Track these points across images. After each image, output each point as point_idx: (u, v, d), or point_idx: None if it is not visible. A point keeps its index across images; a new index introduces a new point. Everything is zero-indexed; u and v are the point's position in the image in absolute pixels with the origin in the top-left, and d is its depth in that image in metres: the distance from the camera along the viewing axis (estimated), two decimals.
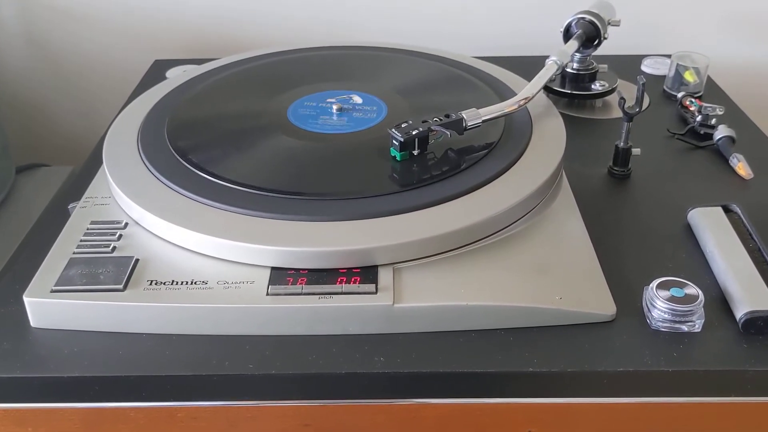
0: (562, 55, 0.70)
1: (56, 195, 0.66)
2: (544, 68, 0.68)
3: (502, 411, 0.50)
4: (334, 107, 0.67)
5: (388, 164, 0.59)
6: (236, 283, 0.51)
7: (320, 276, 0.51)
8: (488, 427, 0.51)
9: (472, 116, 0.59)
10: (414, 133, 0.57)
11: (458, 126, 0.59)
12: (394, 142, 0.58)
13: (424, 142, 0.58)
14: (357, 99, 0.69)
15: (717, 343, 0.49)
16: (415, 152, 0.58)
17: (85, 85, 1.08)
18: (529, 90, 0.64)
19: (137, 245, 0.54)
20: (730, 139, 0.71)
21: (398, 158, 0.58)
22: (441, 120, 0.59)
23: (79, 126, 1.11)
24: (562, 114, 0.70)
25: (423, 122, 0.58)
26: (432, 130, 0.58)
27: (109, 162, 0.61)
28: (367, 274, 0.51)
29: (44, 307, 0.50)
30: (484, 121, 0.60)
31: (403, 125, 0.58)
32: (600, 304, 0.52)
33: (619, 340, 0.50)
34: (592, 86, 0.81)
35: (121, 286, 0.50)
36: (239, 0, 1.02)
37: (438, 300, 0.50)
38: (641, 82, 0.63)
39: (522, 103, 0.63)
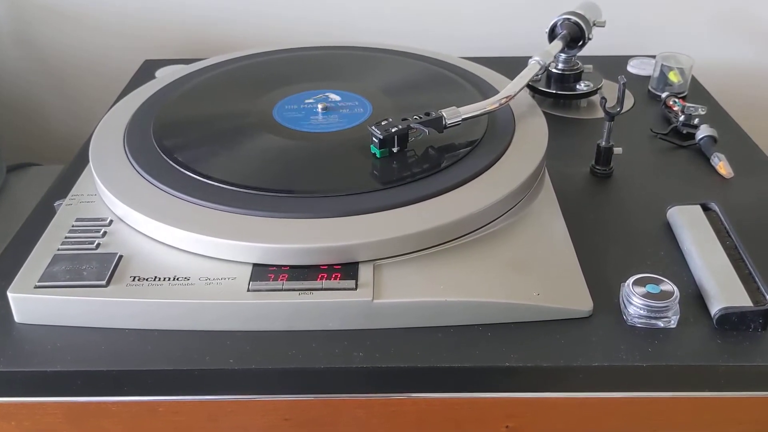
0: (545, 55, 0.71)
1: (45, 193, 0.67)
2: (526, 68, 0.69)
3: (480, 405, 0.51)
4: (319, 106, 0.67)
5: (370, 162, 0.59)
6: (218, 279, 0.52)
7: (301, 272, 0.52)
8: (466, 421, 0.52)
9: (451, 114, 0.60)
10: (393, 130, 0.58)
11: (437, 124, 0.60)
12: (373, 139, 0.59)
13: (403, 139, 0.59)
14: (343, 98, 0.69)
15: (692, 339, 0.50)
16: (395, 149, 0.59)
17: (76, 84, 1.09)
18: (510, 89, 0.65)
19: (121, 242, 0.55)
20: (712, 139, 0.72)
21: (378, 155, 0.59)
22: (421, 118, 0.59)
23: (70, 125, 1.12)
24: (547, 114, 0.70)
25: (403, 120, 0.59)
26: (411, 128, 0.59)
27: (95, 160, 0.61)
28: (348, 270, 0.52)
29: (28, 302, 0.51)
30: (464, 120, 0.61)
31: (383, 123, 0.59)
32: (577, 300, 0.52)
33: (595, 335, 0.51)
34: (577, 86, 0.82)
35: (104, 282, 0.51)
36: (229, 1, 1.03)
37: (417, 296, 0.51)
38: (622, 82, 0.64)
39: (503, 101, 0.64)
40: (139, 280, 0.52)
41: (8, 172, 0.96)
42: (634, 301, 0.51)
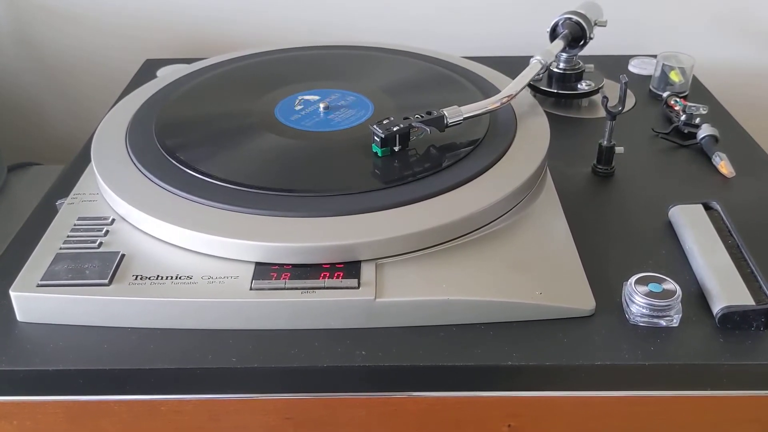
0: (546, 54, 0.71)
1: (46, 193, 0.67)
2: (527, 67, 0.69)
3: (482, 405, 0.51)
4: (321, 105, 0.67)
5: (372, 161, 0.59)
6: (220, 278, 0.52)
7: (304, 271, 0.52)
8: (468, 420, 0.52)
9: (453, 113, 0.60)
10: (395, 129, 0.58)
11: (439, 123, 0.60)
12: (375, 138, 0.59)
13: (405, 138, 0.59)
14: (345, 98, 0.69)
15: (694, 338, 0.50)
16: (397, 148, 0.59)
17: (77, 84, 1.09)
18: (511, 88, 0.65)
19: (123, 241, 0.55)
20: (713, 138, 0.72)
21: (380, 154, 0.59)
22: (422, 117, 0.59)
23: (71, 125, 1.12)
24: (549, 113, 0.70)
25: (404, 119, 0.59)
26: (413, 127, 0.59)
27: (97, 159, 0.61)
28: (350, 269, 0.52)
29: (30, 301, 0.51)
30: (465, 119, 0.61)
31: (384, 122, 0.59)
32: (579, 299, 0.52)
33: (597, 334, 0.51)
34: (579, 86, 0.82)
35: (106, 281, 0.51)
36: (231, 0, 1.03)
37: (419, 295, 0.51)
38: (623, 81, 0.64)
39: (504, 100, 0.64)
40: (141, 278, 0.52)
41: (9, 172, 0.96)
42: (637, 300, 0.51)
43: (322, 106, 0.67)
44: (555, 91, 0.82)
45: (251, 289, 0.51)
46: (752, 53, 1.04)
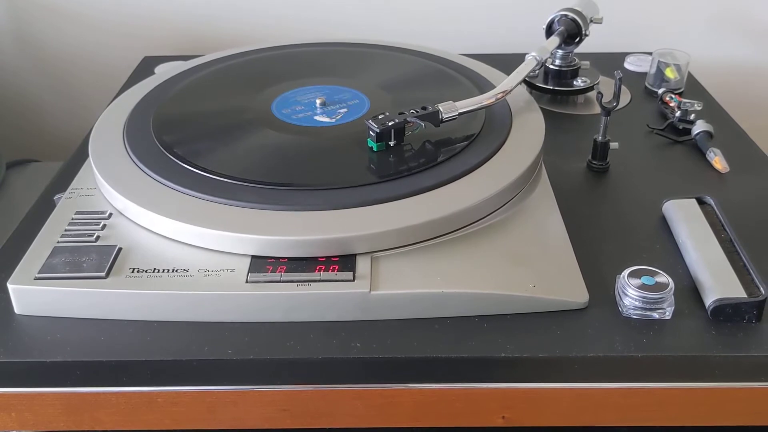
0: (541, 51, 0.72)
1: (45, 189, 0.67)
2: (523, 63, 0.69)
3: (476, 396, 0.51)
4: (318, 101, 0.68)
5: (367, 156, 0.60)
6: (216, 271, 0.52)
7: (299, 264, 0.52)
8: (462, 412, 0.52)
9: (448, 109, 0.61)
10: (390, 124, 0.58)
11: (434, 118, 0.60)
12: (370, 133, 0.59)
13: (400, 133, 0.59)
14: (341, 94, 0.70)
15: (686, 330, 0.50)
16: (392, 143, 0.59)
17: (75, 81, 1.09)
18: (506, 84, 0.65)
19: (120, 234, 0.55)
20: (708, 134, 0.72)
21: (375, 149, 0.59)
22: (417, 112, 0.60)
23: (70, 122, 1.12)
24: (545, 110, 0.71)
25: (399, 114, 0.59)
26: (408, 122, 0.59)
27: (94, 154, 0.62)
28: (346, 262, 0.52)
29: (28, 294, 0.51)
30: (460, 114, 0.61)
31: (380, 116, 0.59)
32: (573, 292, 0.53)
33: (591, 327, 0.51)
34: (574, 83, 0.82)
35: (103, 274, 0.51)
36: None
37: (414, 287, 0.51)
38: (618, 77, 0.64)
39: (499, 96, 0.64)
40: (138, 271, 0.52)
41: (8, 169, 0.97)
42: (630, 293, 0.51)
43: (318, 101, 0.68)
44: (551, 87, 0.82)
45: (247, 282, 0.51)
46: (749, 52, 1.04)
